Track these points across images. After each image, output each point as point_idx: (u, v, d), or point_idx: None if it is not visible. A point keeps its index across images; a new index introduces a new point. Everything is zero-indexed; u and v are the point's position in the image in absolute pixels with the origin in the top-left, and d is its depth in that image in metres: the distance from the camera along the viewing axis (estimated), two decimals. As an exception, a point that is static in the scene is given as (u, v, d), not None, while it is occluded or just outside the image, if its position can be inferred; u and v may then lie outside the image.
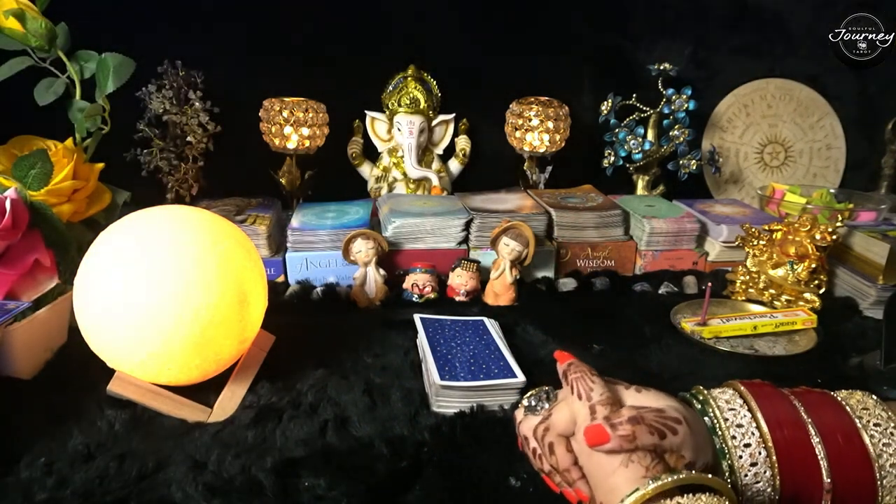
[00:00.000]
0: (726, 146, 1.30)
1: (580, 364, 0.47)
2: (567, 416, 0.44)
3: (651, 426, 0.40)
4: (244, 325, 0.59)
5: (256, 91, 1.10)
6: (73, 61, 0.79)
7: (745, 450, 0.42)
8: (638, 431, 0.39)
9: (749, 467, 0.42)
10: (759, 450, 0.42)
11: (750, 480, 0.42)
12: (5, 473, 0.49)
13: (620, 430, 0.40)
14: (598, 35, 1.24)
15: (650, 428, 0.40)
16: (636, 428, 0.40)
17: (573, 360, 0.48)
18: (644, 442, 0.39)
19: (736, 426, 0.43)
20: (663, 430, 0.40)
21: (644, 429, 0.40)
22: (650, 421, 0.40)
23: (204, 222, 0.59)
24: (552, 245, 0.96)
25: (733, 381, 0.48)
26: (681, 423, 0.41)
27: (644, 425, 0.40)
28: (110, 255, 0.55)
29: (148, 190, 0.98)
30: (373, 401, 0.60)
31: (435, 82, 1.18)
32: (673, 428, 0.40)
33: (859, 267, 0.89)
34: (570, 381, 0.45)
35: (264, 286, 0.63)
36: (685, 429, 0.41)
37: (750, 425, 0.43)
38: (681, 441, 0.40)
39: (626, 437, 0.39)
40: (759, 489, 0.42)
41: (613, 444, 0.39)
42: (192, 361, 0.56)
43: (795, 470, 0.42)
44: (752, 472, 0.42)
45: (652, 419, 0.40)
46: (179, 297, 0.53)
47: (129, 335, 0.54)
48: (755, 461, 0.42)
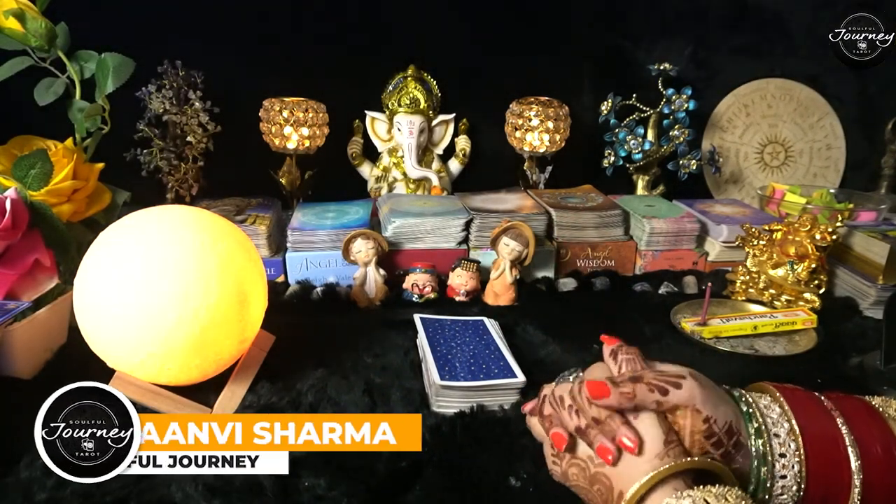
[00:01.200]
0: (726, 146, 1.30)
1: (630, 347, 0.47)
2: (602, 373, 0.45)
3: (650, 384, 0.41)
4: (244, 326, 0.59)
5: (256, 91, 1.10)
6: (73, 61, 0.79)
7: (779, 459, 0.41)
8: (637, 389, 0.41)
9: (779, 479, 0.41)
10: (792, 461, 0.41)
11: (777, 491, 0.41)
12: (5, 473, 0.49)
13: (622, 388, 0.41)
14: (598, 35, 1.24)
15: (649, 385, 0.41)
16: (636, 386, 0.41)
17: (622, 342, 0.48)
18: (644, 399, 0.40)
19: (773, 435, 0.42)
20: (664, 386, 0.41)
21: (643, 387, 0.41)
22: (649, 379, 0.41)
23: (204, 222, 0.59)
24: (552, 245, 0.96)
25: (767, 386, 0.46)
26: (684, 377, 0.41)
27: (643, 383, 0.41)
28: (110, 255, 0.55)
29: (148, 190, 0.98)
30: (373, 401, 0.60)
31: (435, 82, 1.18)
32: (675, 383, 0.41)
33: (859, 267, 0.89)
34: (620, 361, 0.46)
35: (264, 286, 0.63)
36: (692, 383, 0.41)
37: (787, 437, 0.42)
38: (688, 395, 0.40)
39: (627, 394, 0.40)
40: (783, 501, 0.41)
41: (613, 399, 0.41)
42: (192, 361, 0.56)
43: (824, 482, 0.41)
44: (779, 484, 0.41)
45: (651, 377, 0.41)
46: (179, 298, 0.53)
47: (128, 335, 0.54)
48: (784, 473, 0.41)
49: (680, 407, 0.41)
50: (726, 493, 0.36)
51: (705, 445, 0.40)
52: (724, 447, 0.40)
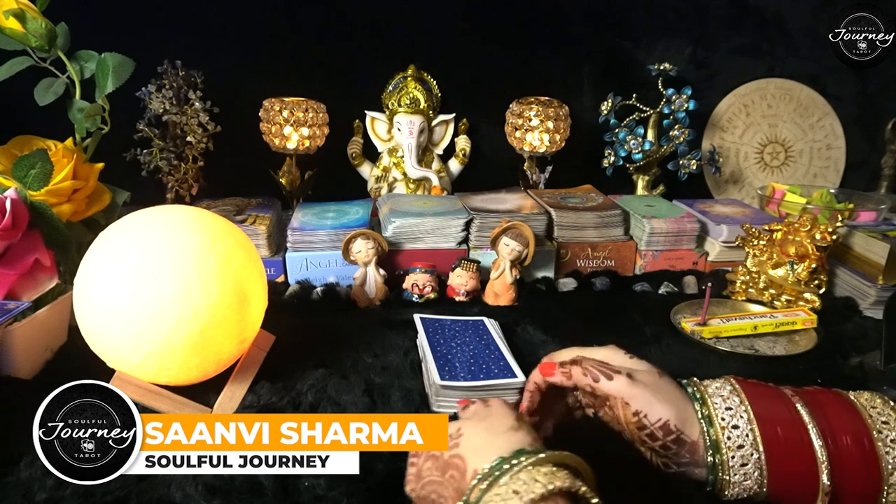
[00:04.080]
0: (726, 146, 1.30)
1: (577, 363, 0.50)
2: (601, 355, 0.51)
3: (586, 369, 0.48)
4: (244, 326, 0.59)
5: (256, 91, 1.10)
6: (73, 61, 0.79)
7: (737, 451, 0.44)
8: (574, 371, 0.48)
9: (739, 468, 0.44)
10: (751, 451, 0.44)
11: (739, 479, 0.44)
12: (5, 473, 0.49)
13: (563, 369, 0.49)
14: (598, 35, 1.24)
15: (584, 370, 0.48)
16: (573, 368, 0.48)
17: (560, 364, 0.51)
18: (578, 380, 0.48)
19: (732, 427, 0.44)
20: (597, 374, 0.47)
21: (579, 370, 0.48)
22: (587, 365, 0.48)
23: (204, 222, 0.59)
24: (552, 245, 0.96)
25: (728, 378, 0.49)
26: (619, 373, 0.47)
27: (580, 367, 0.48)
28: (110, 255, 0.55)
29: (148, 190, 0.98)
30: (373, 401, 0.61)
31: (435, 82, 1.18)
32: (608, 374, 0.47)
33: (859, 267, 0.89)
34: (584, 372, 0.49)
35: (264, 286, 0.63)
36: (624, 379, 0.46)
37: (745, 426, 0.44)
38: (616, 388, 0.46)
39: (565, 373, 0.49)
40: (747, 486, 0.44)
41: (556, 377, 0.49)
42: (192, 361, 0.56)
43: (787, 470, 0.43)
44: (741, 471, 0.44)
45: (590, 364, 0.48)
46: (179, 298, 0.53)
47: (128, 335, 0.54)
48: (745, 462, 0.44)
49: (611, 397, 0.47)
50: (554, 472, 0.37)
51: (640, 435, 0.46)
52: (661, 441, 0.45)
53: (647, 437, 0.46)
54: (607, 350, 0.52)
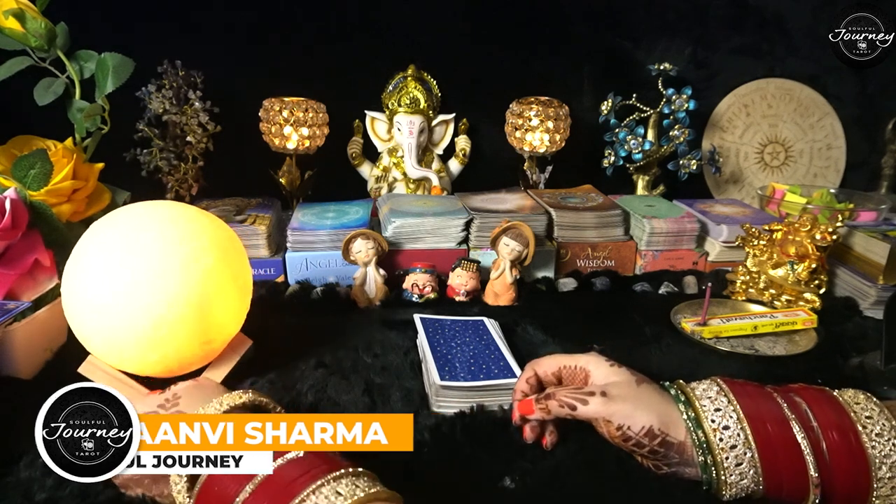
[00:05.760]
0: (726, 146, 1.30)
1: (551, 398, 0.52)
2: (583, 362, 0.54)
3: (560, 401, 0.50)
4: (206, 327, 0.58)
5: (256, 91, 1.10)
6: (73, 61, 0.80)
7: (731, 451, 0.44)
8: (550, 405, 0.51)
9: (734, 468, 0.44)
10: (744, 450, 0.44)
11: (735, 479, 0.44)
12: (5, 473, 0.49)
13: (540, 405, 0.51)
14: (598, 35, 1.24)
15: (560, 402, 0.50)
16: (549, 402, 0.51)
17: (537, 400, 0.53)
18: (557, 412, 0.51)
19: (723, 428, 0.45)
20: (573, 402, 0.50)
21: (555, 403, 0.51)
22: (560, 396, 0.50)
23: (177, 219, 0.58)
24: (552, 245, 0.96)
25: (715, 379, 0.50)
26: (594, 394, 0.49)
27: (554, 400, 0.51)
28: (81, 249, 0.57)
29: (148, 190, 0.98)
30: (373, 401, 0.61)
31: (435, 82, 1.18)
32: (583, 400, 0.49)
33: (859, 267, 0.89)
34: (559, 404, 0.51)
35: (244, 287, 0.62)
36: (598, 400, 0.49)
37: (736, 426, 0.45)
38: (594, 410, 0.48)
39: (543, 409, 0.51)
40: (745, 486, 0.44)
41: (537, 415, 0.52)
42: (149, 357, 0.56)
43: (779, 465, 0.44)
44: (737, 471, 0.44)
45: (563, 395, 0.50)
46: (129, 293, 0.54)
47: (89, 325, 0.56)
48: (740, 461, 0.44)
49: (593, 419, 0.49)
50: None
51: (627, 446, 0.48)
52: (647, 447, 0.47)
53: (634, 447, 0.47)
54: (588, 357, 0.54)
